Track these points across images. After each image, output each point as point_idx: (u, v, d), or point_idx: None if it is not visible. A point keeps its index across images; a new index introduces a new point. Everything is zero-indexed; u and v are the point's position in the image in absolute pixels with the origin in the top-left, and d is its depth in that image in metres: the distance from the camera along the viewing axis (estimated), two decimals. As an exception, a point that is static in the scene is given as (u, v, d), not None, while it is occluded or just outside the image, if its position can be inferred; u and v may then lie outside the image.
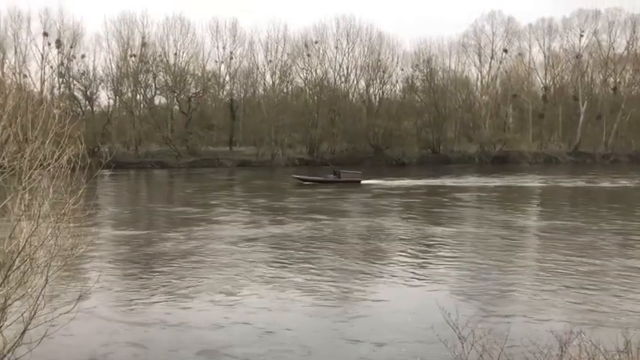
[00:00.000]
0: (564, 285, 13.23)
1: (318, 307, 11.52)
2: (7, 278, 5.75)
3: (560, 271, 14.55)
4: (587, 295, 12.36)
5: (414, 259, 16.20)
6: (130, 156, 62.61)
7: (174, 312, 11.08)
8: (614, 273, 14.38)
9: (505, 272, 14.64)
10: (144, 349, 9.24)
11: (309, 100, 74.40)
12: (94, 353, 9.06)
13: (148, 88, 70.26)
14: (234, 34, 73.70)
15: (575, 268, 14.92)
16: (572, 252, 16.88)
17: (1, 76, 55.40)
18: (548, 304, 11.73)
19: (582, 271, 14.55)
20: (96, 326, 10.06)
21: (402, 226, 22.38)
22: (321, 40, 74.01)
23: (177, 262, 15.54)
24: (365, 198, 33.33)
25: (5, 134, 6.38)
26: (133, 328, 10.14)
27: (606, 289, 12.92)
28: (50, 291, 6.31)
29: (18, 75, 62.58)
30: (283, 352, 9.12)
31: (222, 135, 73.37)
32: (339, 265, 15.30)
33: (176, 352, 9.09)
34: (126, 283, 13.48)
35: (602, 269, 14.79)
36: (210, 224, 22.44)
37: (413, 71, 75.59)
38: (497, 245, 18.38)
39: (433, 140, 72.93)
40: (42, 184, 6.35)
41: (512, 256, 16.84)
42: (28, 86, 57.86)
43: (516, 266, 15.40)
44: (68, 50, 66.61)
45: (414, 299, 12.32)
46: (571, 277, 13.99)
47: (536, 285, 13.26)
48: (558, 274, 14.34)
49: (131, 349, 9.27)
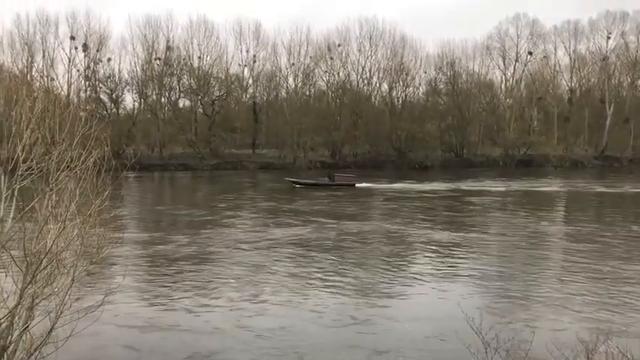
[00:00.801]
0: (590, 291, 13.00)
1: (340, 313, 11.49)
2: (34, 278, 5.86)
3: (586, 277, 14.31)
4: (614, 302, 12.13)
5: (433, 265, 16.08)
6: (155, 158, 63.29)
7: (196, 313, 11.15)
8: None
9: (527, 277, 14.43)
10: (167, 350, 9.32)
11: (332, 102, 74.43)
12: (119, 353, 9.17)
13: (172, 91, 71.02)
14: (257, 37, 74.18)
15: (601, 274, 14.65)
16: (599, 259, 16.57)
17: (29, 80, 56.61)
18: (574, 310, 11.53)
19: (609, 278, 14.28)
20: (120, 326, 10.17)
21: (407, 229, 22.24)
22: (344, 43, 74.09)
23: (199, 264, 15.65)
24: (377, 202, 33.22)
25: (34, 136, 6.51)
26: (156, 329, 10.22)
27: (634, 295, 12.66)
28: (76, 291, 6.41)
29: (46, 78, 63.84)
30: None
31: (245, 138, 73.78)
32: (353, 270, 15.26)
33: (197, 353, 9.15)
34: (150, 284, 13.62)
35: (630, 275, 14.50)
36: (231, 228, 22.56)
37: (436, 74, 75.21)
38: (518, 251, 18.15)
39: (456, 143, 72.35)
40: (69, 185, 6.47)
41: (534, 261, 16.61)
42: (56, 89, 58.93)
43: (539, 271, 15.17)
44: (94, 54, 67.71)
45: (436, 304, 12.21)
46: (597, 283, 13.75)
47: (561, 290, 13.05)
48: (584, 279, 14.10)
49: (155, 350, 9.36)
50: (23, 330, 6.05)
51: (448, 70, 74.03)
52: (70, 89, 66.14)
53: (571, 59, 77.23)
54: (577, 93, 78.67)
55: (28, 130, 6.47)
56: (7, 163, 6.24)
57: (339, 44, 73.86)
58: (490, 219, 25.75)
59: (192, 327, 10.32)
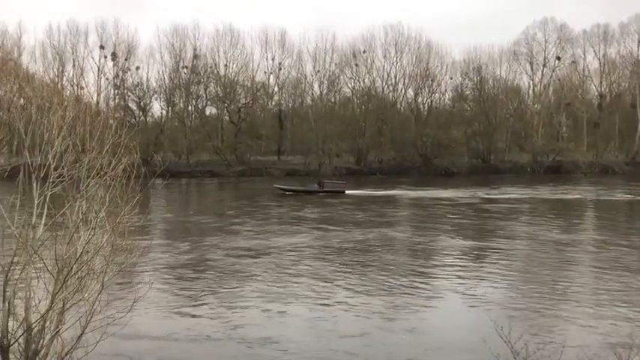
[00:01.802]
0: (620, 300, 12.71)
1: (367, 319, 11.44)
2: (65, 283, 5.96)
3: (617, 288, 13.99)
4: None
5: (457, 273, 15.90)
6: (182, 165, 63.98)
7: (223, 321, 11.19)
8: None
9: (556, 286, 14.17)
10: (193, 358, 9.38)
11: (357, 109, 74.41)
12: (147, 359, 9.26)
13: (199, 98, 71.85)
14: (282, 45, 74.65)
15: (630, 284, 14.31)
16: (631, 270, 16.19)
17: (60, 88, 57.85)
18: (605, 319, 11.28)
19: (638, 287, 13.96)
20: (148, 333, 10.27)
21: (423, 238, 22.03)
22: (369, 50, 74.10)
23: (225, 271, 15.74)
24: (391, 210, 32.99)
25: (65, 144, 6.64)
26: (183, 336, 10.29)
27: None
28: (105, 296, 6.50)
29: (76, 87, 65.18)
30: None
31: (270, 144, 74.18)
32: (376, 278, 15.17)
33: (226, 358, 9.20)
34: (177, 290, 13.73)
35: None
36: (257, 235, 22.66)
37: (462, 80, 74.70)
38: (546, 260, 17.84)
39: (483, 150, 71.63)
40: (99, 192, 6.57)
41: (563, 270, 16.30)
42: (86, 98, 60.14)
43: (568, 281, 14.88)
44: (123, 62, 68.90)
45: (463, 313, 12.07)
46: (627, 293, 13.43)
47: (591, 300, 12.79)
48: (615, 290, 13.79)
49: (182, 356, 9.42)
50: (54, 334, 6.15)
51: (474, 75, 73.49)
52: (99, 97, 67.41)
53: (601, 64, 75.98)
54: (607, 98, 77.23)
55: (59, 138, 6.60)
56: (39, 170, 6.37)
57: (364, 51, 73.93)
58: (516, 227, 25.38)
59: (219, 335, 10.36)
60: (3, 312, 5.81)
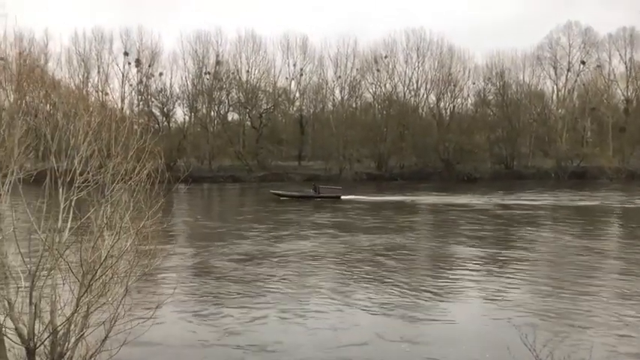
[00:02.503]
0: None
1: (388, 330, 11.36)
2: (90, 287, 6.03)
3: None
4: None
5: (477, 280, 15.73)
6: (204, 170, 64.47)
7: (246, 326, 11.21)
8: None
9: (581, 294, 13.91)
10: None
11: (378, 114, 74.30)
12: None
13: (221, 104, 72.50)
14: (304, 51, 74.92)
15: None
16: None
17: (85, 94, 58.74)
18: (631, 328, 11.04)
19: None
20: (171, 338, 10.32)
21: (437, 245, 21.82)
22: (390, 55, 73.96)
23: (247, 276, 15.79)
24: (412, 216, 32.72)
25: (90, 149, 6.73)
26: (206, 341, 10.33)
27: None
28: (129, 300, 6.56)
29: (100, 93, 66.17)
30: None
31: (291, 150, 74.41)
32: (397, 285, 15.07)
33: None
34: (201, 295, 13.79)
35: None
36: (277, 240, 22.71)
37: (485, 85, 74.17)
38: (570, 267, 17.55)
39: (506, 155, 70.94)
40: (123, 197, 6.65)
41: (587, 278, 16.01)
42: (110, 104, 60.95)
43: (594, 289, 14.60)
44: (147, 69, 69.83)
45: (486, 320, 11.92)
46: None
47: (616, 309, 12.52)
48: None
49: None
50: (79, 338, 6.23)
51: (497, 80, 72.91)
52: (123, 103, 68.34)
53: (627, 68, 74.71)
54: (633, 102, 75.89)
55: (85, 144, 6.70)
56: (65, 175, 6.46)
57: (386, 56, 73.80)
58: (537, 233, 25.03)
59: (242, 340, 10.38)
60: (30, 315, 5.89)
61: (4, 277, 6.08)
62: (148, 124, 47.48)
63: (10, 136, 6.43)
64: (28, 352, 6.00)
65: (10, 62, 8.20)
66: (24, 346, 5.99)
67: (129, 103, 69.35)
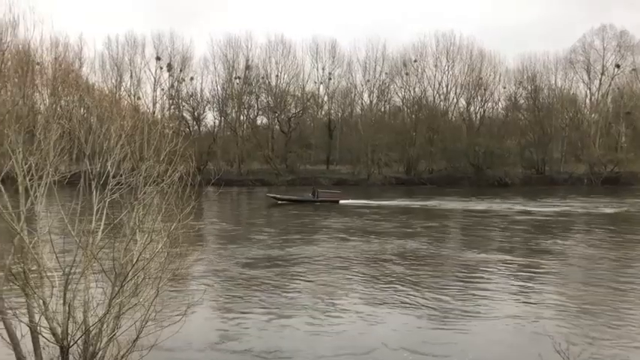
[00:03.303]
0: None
1: (417, 336, 11.25)
2: (122, 288, 6.12)
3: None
4: None
5: (506, 286, 15.46)
6: (233, 174, 65.01)
7: (276, 330, 11.22)
8: None
9: (616, 303, 13.57)
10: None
11: (407, 118, 73.97)
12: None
13: (250, 108, 73.17)
14: (333, 55, 75.05)
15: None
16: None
17: (118, 99, 59.91)
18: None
19: None
20: (201, 340, 10.39)
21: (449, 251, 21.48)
22: (420, 59, 73.65)
23: (278, 280, 15.83)
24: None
25: (123, 152, 6.84)
26: (238, 343, 10.37)
27: None
28: (160, 302, 6.63)
29: (133, 97, 67.35)
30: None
31: (319, 154, 74.58)
32: (422, 291, 14.91)
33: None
34: (231, 297, 13.86)
35: None
36: (311, 244, 22.71)
37: (516, 89, 73.28)
38: (604, 275, 17.14)
39: (538, 160, 69.88)
40: (155, 200, 6.73)
41: (623, 285, 15.61)
42: (142, 108, 62.02)
43: (631, 297, 14.23)
44: (178, 73, 70.75)
45: (518, 326, 11.70)
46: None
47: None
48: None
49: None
50: (110, 338, 6.31)
51: (529, 84, 71.97)
52: (155, 107, 69.38)
53: (663, 71, 72.97)
54: (670, 107, 74.06)
55: (118, 147, 6.81)
56: (99, 177, 6.58)
57: (415, 60, 73.49)
58: (570, 242, 24.53)
59: (272, 344, 10.38)
60: (63, 315, 6.00)
61: (40, 278, 6.20)
62: (179, 127, 48.21)
63: (45, 139, 6.56)
64: (61, 351, 6.11)
65: (46, 67, 8.43)
66: (58, 345, 6.10)
67: (160, 107, 70.47)
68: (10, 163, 6.31)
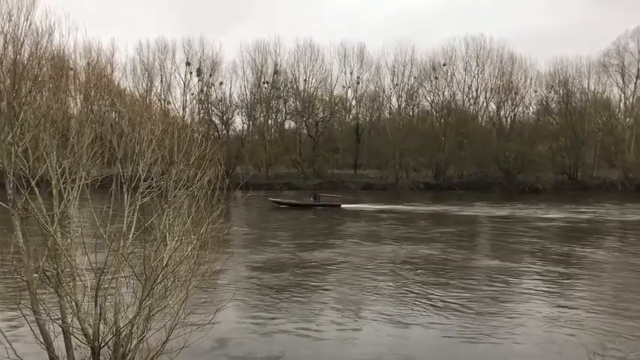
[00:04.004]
0: None
1: (452, 342, 11.12)
2: (152, 291, 6.18)
3: None
4: None
5: (537, 292, 15.17)
6: (261, 177, 65.35)
7: (303, 334, 11.22)
8: None
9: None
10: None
11: (436, 122, 73.40)
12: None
13: (278, 113, 73.61)
14: (361, 59, 74.95)
15: None
16: None
17: (149, 103, 60.75)
18: None
19: None
20: (229, 343, 10.44)
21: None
22: (449, 63, 73.02)
23: (304, 283, 15.83)
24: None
25: (153, 156, 6.93)
26: (265, 348, 10.38)
27: None
28: (189, 305, 6.68)
29: (163, 101, 68.29)
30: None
31: (347, 158, 74.49)
32: (457, 296, 14.72)
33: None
34: (260, 301, 13.91)
35: None
36: (339, 247, 22.66)
37: (548, 92, 72.06)
38: (627, 284, 16.71)
39: (570, 165, 68.54)
40: (184, 203, 6.80)
41: None
42: (172, 112, 62.77)
43: None
44: (207, 78, 71.53)
45: (549, 334, 11.47)
46: None
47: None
48: None
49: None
50: (140, 339, 6.39)
51: (561, 88, 70.71)
52: (184, 112, 70.24)
53: (701, 75, 70.97)
54: None
55: (149, 151, 6.90)
56: (130, 181, 6.67)
57: (444, 63, 72.90)
58: (604, 249, 23.98)
59: (300, 351, 10.38)
60: (95, 316, 6.09)
61: (72, 279, 6.31)
62: (208, 132, 48.67)
63: (78, 143, 6.68)
64: (93, 352, 6.20)
65: (80, 72, 8.61)
66: (89, 346, 6.19)
67: (190, 111, 71.26)
68: (45, 166, 6.44)
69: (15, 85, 6.47)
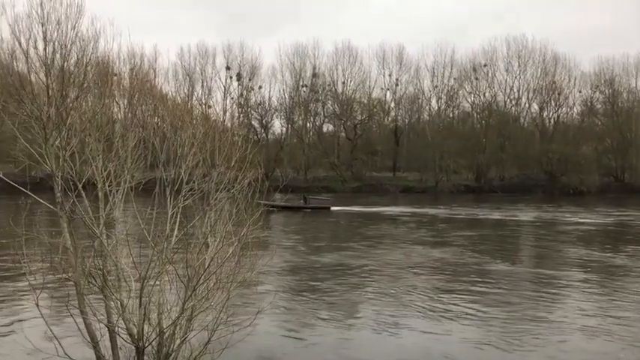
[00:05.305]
0: None
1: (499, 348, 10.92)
2: (194, 292, 6.27)
3: None
4: None
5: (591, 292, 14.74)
6: (299, 180, 65.63)
7: (344, 337, 11.19)
8: None
9: None
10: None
11: (477, 124, 72.43)
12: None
13: (317, 116, 73.87)
14: (400, 61, 74.58)
15: None
16: None
17: (190, 107, 61.88)
18: None
19: None
20: (271, 345, 10.49)
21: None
22: (490, 63, 71.98)
23: (344, 285, 15.80)
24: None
25: (195, 159, 7.03)
26: (304, 351, 10.40)
27: None
28: (230, 306, 6.75)
29: (204, 106, 69.39)
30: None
31: (385, 161, 74.18)
32: (498, 305, 14.43)
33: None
34: (296, 303, 13.96)
35: None
36: (378, 250, 22.56)
37: (592, 93, 70.27)
38: None
39: (616, 167, 66.64)
40: (225, 205, 6.88)
41: None
42: (213, 116, 63.73)
43: None
44: (247, 82, 72.35)
45: (592, 345, 11.13)
46: None
47: None
48: None
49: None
50: (183, 340, 6.48)
51: (606, 88, 68.87)
52: (225, 116, 71.16)
53: None
54: None
55: (191, 154, 7.01)
56: (173, 184, 6.79)
57: (485, 64, 71.89)
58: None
59: (340, 355, 10.36)
60: (139, 316, 6.21)
61: (117, 280, 6.45)
62: (248, 135, 49.19)
63: (123, 147, 6.84)
64: (137, 352, 6.32)
65: (124, 77, 8.86)
66: (134, 345, 6.32)
67: (230, 115, 72.14)
68: (91, 170, 6.61)
69: (62, 92, 6.65)
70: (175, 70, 71.96)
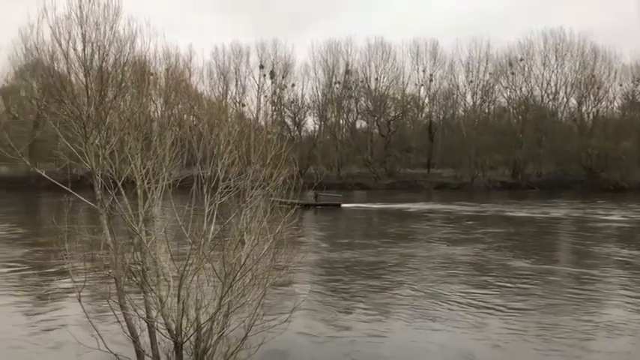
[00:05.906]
0: None
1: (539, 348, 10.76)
2: (231, 288, 6.34)
3: None
4: None
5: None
6: (333, 177, 65.57)
7: (378, 334, 11.17)
8: None
9: None
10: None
11: (513, 119, 71.18)
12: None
13: (350, 112, 73.69)
14: (434, 57, 73.79)
15: None
16: None
17: (225, 106, 62.49)
18: None
19: None
20: (306, 341, 10.54)
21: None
22: (526, 57, 70.59)
23: (378, 283, 15.76)
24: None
25: (231, 157, 7.11)
26: (341, 345, 10.41)
27: None
28: (266, 302, 6.80)
29: (238, 104, 69.95)
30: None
31: (419, 157, 73.51)
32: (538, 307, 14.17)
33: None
34: (334, 300, 13.97)
35: None
36: (408, 248, 22.43)
37: (634, 86, 68.18)
38: None
39: (659, 162, 64.55)
40: (261, 203, 6.93)
41: None
42: (247, 114, 64.23)
43: None
44: (280, 80, 72.65)
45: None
46: None
47: None
48: None
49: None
50: (220, 335, 6.56)
51: (649, 80, 66.78)
52: (259, 114, 71.61)
53: None
54: None
55: (226, 152, 7.08)
56: (210, 181, 6.87)
57: (522, 58, 70.57)
58: None
59: (376, 352, 10.34)
60: (177, 312, 6.31)
61: (157, 276, 6.58)
62: (282, 132, 49.33)
63: (160, 146, 6.95)
64: (175, 346, 6.43)
65: (160, 77, 9.00)
66: (172, 340, 6.43)
67: (264, 113, 72.54)
68: (130, 168, 6.74)
69: (101, 91, 6.79)
70: (210, 70, 72.79)
